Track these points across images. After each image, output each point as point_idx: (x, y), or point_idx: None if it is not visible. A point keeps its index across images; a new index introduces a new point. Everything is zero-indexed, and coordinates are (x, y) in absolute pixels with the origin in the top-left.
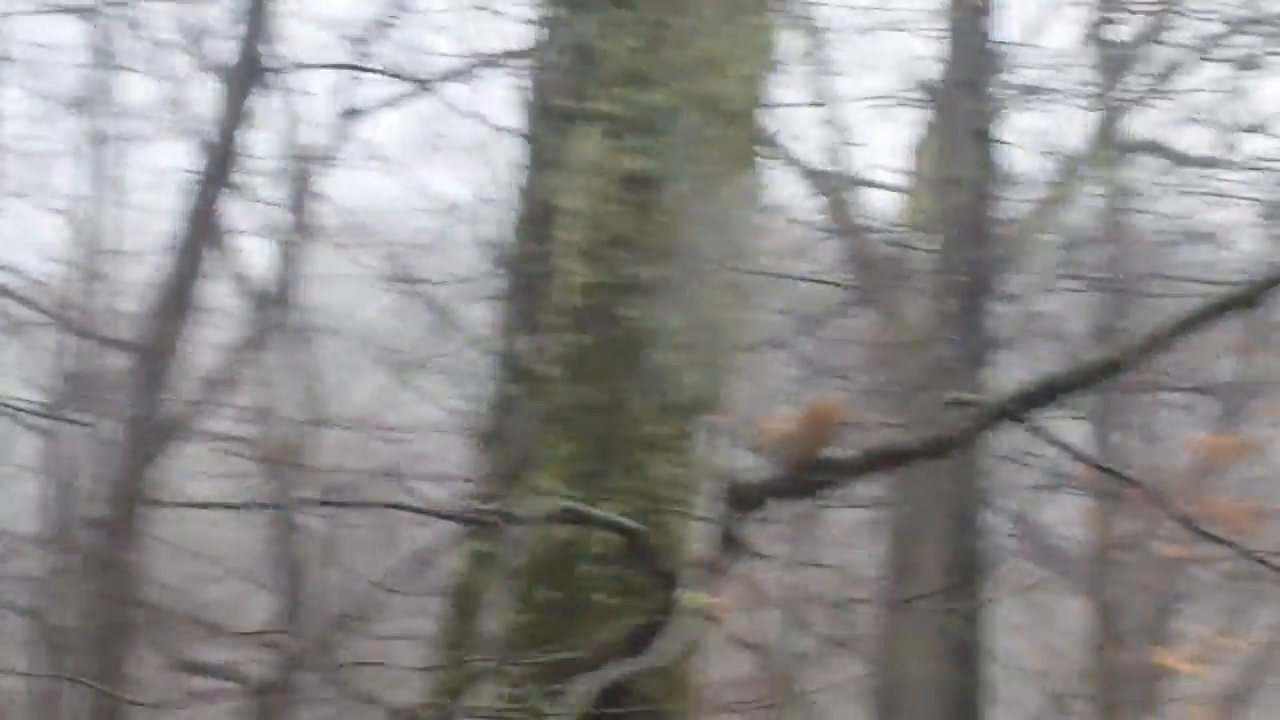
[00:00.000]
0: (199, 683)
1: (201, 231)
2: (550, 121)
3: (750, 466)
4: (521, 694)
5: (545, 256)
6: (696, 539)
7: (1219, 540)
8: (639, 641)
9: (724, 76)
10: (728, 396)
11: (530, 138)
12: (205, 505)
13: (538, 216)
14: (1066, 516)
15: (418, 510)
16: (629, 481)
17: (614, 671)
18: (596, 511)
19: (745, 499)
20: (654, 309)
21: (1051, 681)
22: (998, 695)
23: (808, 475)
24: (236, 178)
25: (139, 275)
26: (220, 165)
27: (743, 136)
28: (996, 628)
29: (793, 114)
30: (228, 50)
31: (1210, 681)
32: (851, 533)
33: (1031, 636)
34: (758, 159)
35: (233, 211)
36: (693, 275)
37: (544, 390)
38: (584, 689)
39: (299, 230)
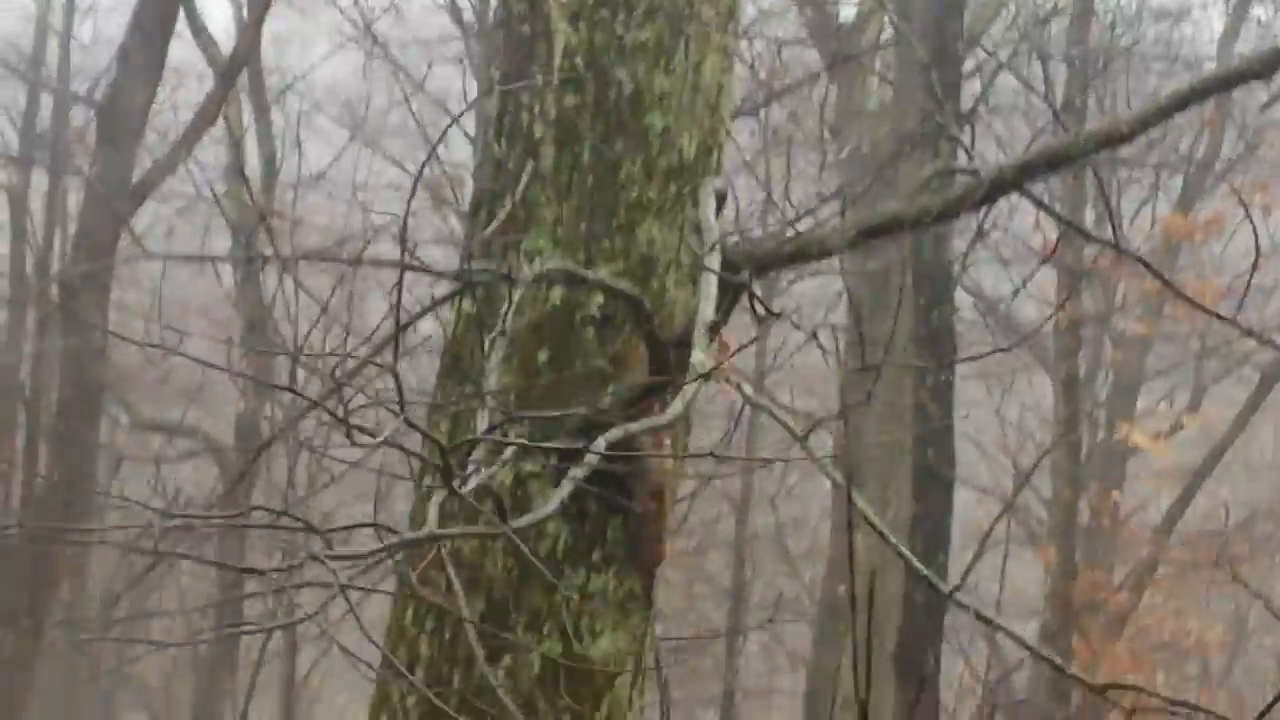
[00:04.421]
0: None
1: None
2: None
3: (741, 232)
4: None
5: (535, 18)
6: (693, 302)
7: (1215, 315)
8: (637, 406)
9: None
10: (719, 160)
11: None
12: (190, 258)
13: None
14: (1030, 292)
15: (415, 269)
16: (622, 245)
17: (632, 426)
18: (592, 274)
19: (741, 264)
20: (646, 71)
21: (1015, 457)
22: (960, 469)
23: (801, 243)
24: None
25: (107, 34)
26: None
27: None
28: (960, 402)
29: None
30: None
31: (1173, 457)
32: (815, 304)
33: (995, 412)
34: None
35: None
36: (684, 38)
37: (535, 153)
38: (602, 440)
39: None
